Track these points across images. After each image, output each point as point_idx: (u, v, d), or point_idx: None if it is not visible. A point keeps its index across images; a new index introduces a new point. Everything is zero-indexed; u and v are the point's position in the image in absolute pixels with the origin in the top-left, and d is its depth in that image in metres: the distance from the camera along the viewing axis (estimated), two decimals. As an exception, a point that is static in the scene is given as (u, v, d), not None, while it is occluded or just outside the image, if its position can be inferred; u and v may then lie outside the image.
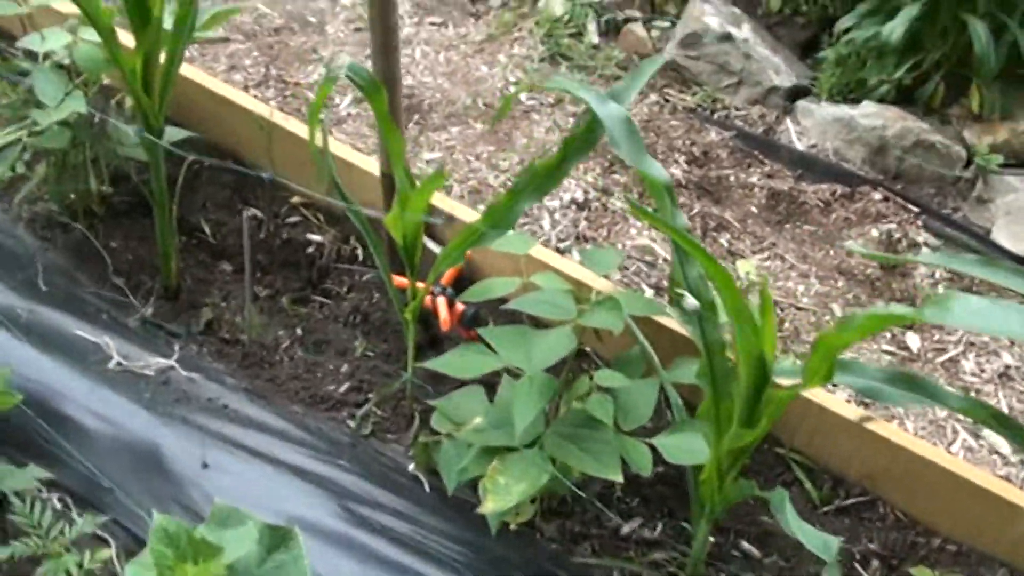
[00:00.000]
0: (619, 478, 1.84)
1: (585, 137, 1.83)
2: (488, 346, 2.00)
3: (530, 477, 1.87)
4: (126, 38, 2.30)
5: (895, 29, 2.77)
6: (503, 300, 2.12)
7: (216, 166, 2.07)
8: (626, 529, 2.16)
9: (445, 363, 2.01)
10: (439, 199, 2.54)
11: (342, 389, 2.39)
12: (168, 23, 2.20)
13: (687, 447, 1.89)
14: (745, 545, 2.14)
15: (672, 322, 2.23)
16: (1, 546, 1.79)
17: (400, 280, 2.20)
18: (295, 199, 2.72)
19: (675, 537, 2.15)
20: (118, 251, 2.68)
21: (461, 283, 2.41)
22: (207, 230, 2.71)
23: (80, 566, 1.80)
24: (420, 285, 2.10)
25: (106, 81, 2.66)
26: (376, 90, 1.88)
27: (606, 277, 2.29)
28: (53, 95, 2.38)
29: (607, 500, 2.20)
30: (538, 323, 2.26)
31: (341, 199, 2.05)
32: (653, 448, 1.93)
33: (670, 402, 2.02)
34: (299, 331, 2.53)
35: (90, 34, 2.40)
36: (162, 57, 2.25)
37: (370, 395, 2.38)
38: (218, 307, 2.57)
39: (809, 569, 2.09)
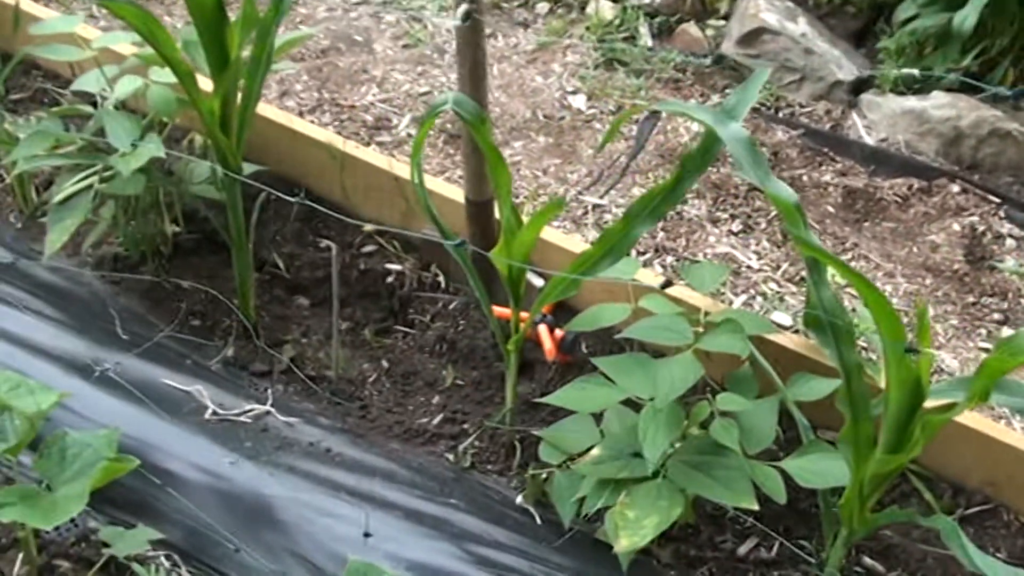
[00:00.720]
0: (755, 506, 1.80)
1: (701, 157, 1.79)
2: (605, 376, 1.96)
3: (660, 510, 1.82)
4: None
5: (967, 17, 2.72)
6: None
7: (305, 203, 2.01)
8: (743, 550, 2.12)
9: (565, 398, 1.97)
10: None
11: (435, 421, 2.35)
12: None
13: (819, 470, 1.84)
14: (868, 560, 2.09)
15: (779, 337, 2.19)
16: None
17: (500, 311, 2.15)
18: (368, 227, 2.67)
19: (793, 558, 2.10)
20: (190, 291, 2.63)
21: (557, 310, 2.37)
22: (280, 264, 2.66)
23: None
24: (523, 315, 2.05)
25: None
26: (481, 122, 1.83)
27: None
28: (124, 139, 2.32)
29: (720, 521, 2.15)
30: (643, 347, 2.22)
31: (442, 235, 2.00)
32: (782, 472, 1.88)
33: (794, 423, 1.97)
34: (385, 363, 2.49)
35: (160, 75, 2.35)
36: (238, 96, 2.20)
37: (464, 426, 2.33)
38: (299, 343, 2.52)
39: (936, 583, 2.05)
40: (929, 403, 1.61)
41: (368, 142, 2.92)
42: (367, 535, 1.99)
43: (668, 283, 2.12)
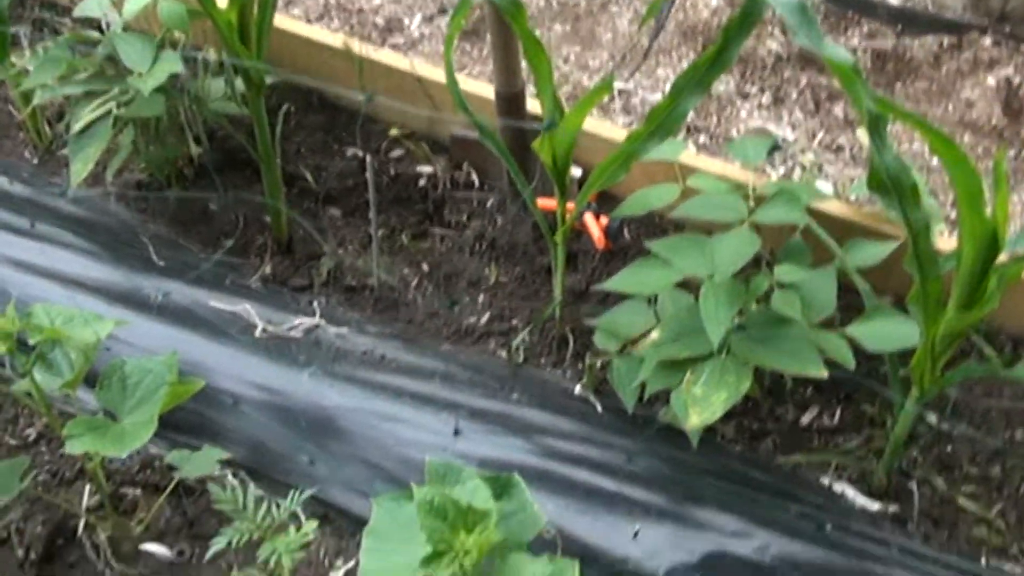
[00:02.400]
0: (824, 373, 1.79)
1: (743, 22, 1.72)
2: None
3: (728, 385, 1.81)
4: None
5: None
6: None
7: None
8: (805, 420, 2.12)
9: (621, 282, 1.94)
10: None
11: (483, 320, 2.33)
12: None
13: (886, 334, 1.83)
14: (931, 419, 2.10)
15: (827, 205, 2.16)
16: (218, 536, 1.75)
17: (543, 203, 2.11)
18: (393, 132, 2.61)
19: (856, 423, 2.11)
20: (219, 212, 2.59)
21: (599, 201, 2.33)
22: (309, 177, 2.62)
23: (288, 547, 1.76)
24: (570, 206, 2.01)
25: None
26: (518, 9, 1.77)
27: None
28: (139, 59, 2.26)
29: (780, 394, 2.15)
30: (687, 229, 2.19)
31: (478, 130, 1.95)
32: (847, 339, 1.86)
33: (848, 294, 1.95)
34: (425, 267, 2.46)
35: (168, -10, 2.27)
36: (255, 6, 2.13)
37: (513, 322, 2.31)
38: (336, 254, 2.49)
39: (1002, 435, 2.05)
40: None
41: (382, 44, 2.85)
42: (457, 432, 2.00)
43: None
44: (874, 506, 1.95)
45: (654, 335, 1.96)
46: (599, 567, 1.82)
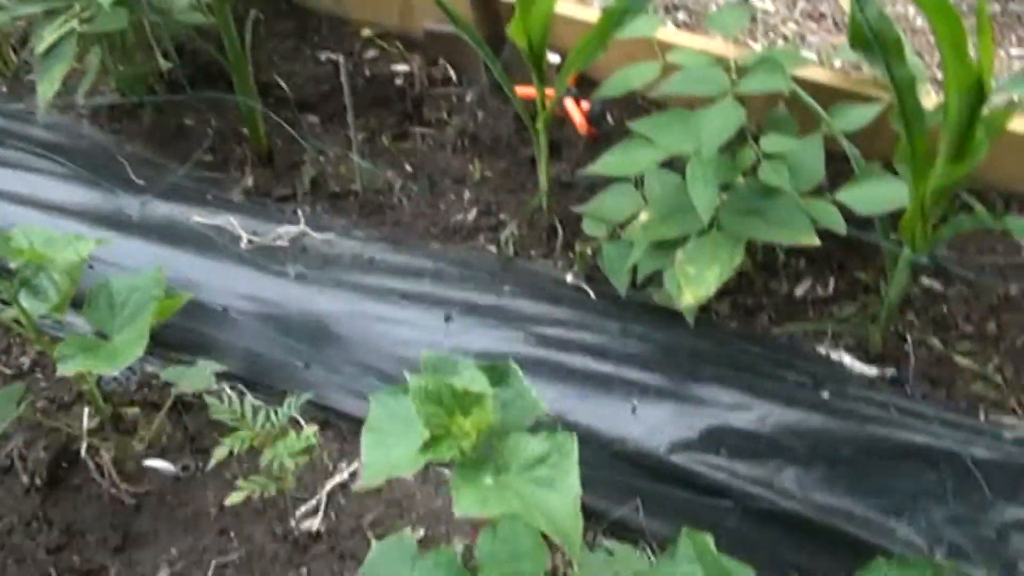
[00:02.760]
0: (815, 241, 1.77)
1: None
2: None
3: (720, 260, 1.79)
4: None
5: None
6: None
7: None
8: (799, 292, 2.12)
9: (606, 164, 1.91)
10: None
11: (471, 216, 2.31)
12: None
13: (876, 196, 1.80)
14: (925, 281, 2.09)
15: (811, 72, 2.12)
16: (218, 446, 1.75)
17: (523, 91, 2.07)
18: (365, 32, 2.56)
19: (850, 291, 2.10)
20: (195, 127, 2.55)
21: (579, 84, 2.28)
22: (283, 85, 2.56)
23: (290, 451, 1.76)
24: (549, 92, 1.97)
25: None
26: None
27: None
28: (96, -27, 2.19)
29: (772, 268, 2.14)
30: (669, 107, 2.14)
31: (452, 21, 1.90)
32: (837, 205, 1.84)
33: (836, 162, 1.92)
34: (408, 167, 2.42)
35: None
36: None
37: (501, 216, 2.29)
38: (317, 162, 2.45)
39: (996, 292, 2.04)
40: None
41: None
42: (448, 318, 1.99)
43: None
44: (871, 371, 1.95)
45: (643, 217, 1.94)
46: (599, 448, 1.83)
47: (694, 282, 1.79)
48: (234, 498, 1.74)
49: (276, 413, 1.76)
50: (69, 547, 1.90)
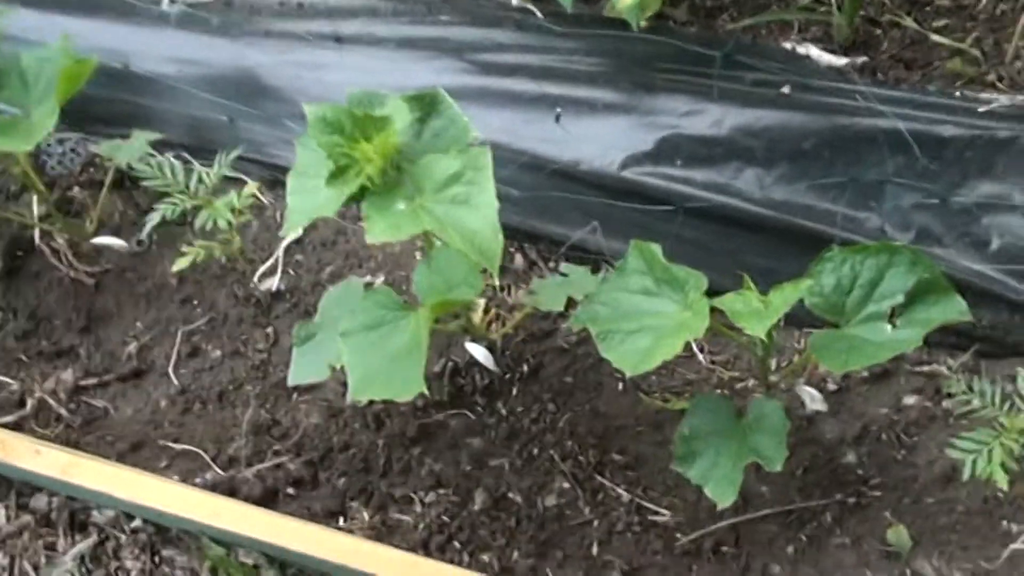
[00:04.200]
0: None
1: None
2: None
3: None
4: None
5: None
6: None
7: None
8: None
9: None
10: None
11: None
12: None
13: None
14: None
15: None
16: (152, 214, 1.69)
17: None
18: None
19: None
20: None
21: None
22: None
23: (232, 208, 1.70)
24: None
25: None
26: None
27: None
28: None
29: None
30: None
31: None
32: None
33: None
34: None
35: None
36: None
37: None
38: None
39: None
40: None
41: None
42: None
43: None
44: (840, 61, 1.82)
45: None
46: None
47: (632, -16, 1.65)
48: (180, 264, 1.70)
49: (207, 175, 1.69)
50: (37, 332, 1.89)
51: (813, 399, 1.56)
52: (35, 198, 1.98)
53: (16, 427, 1.74)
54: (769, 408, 1.43)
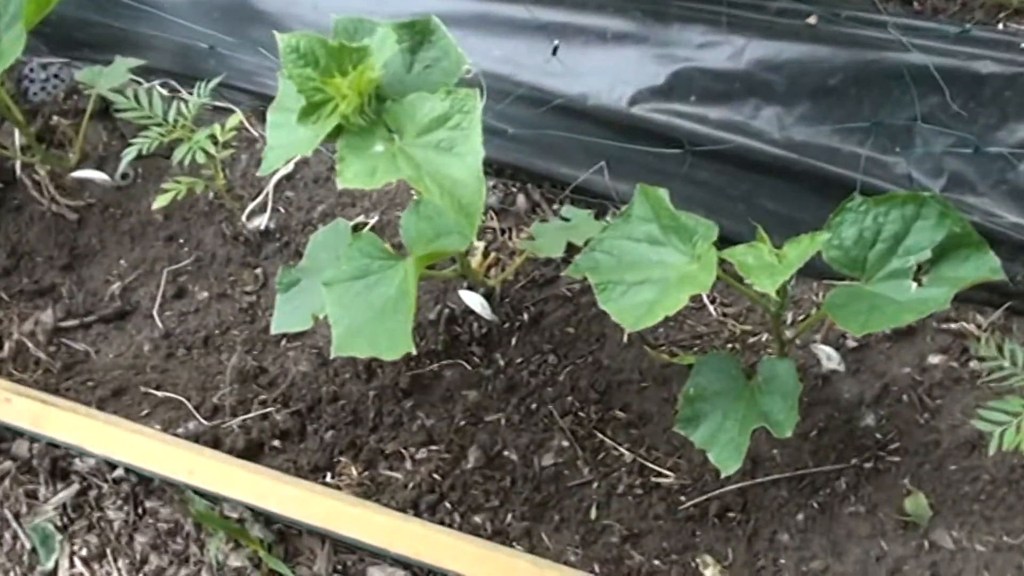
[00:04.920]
0: None
1: None
2: None
3: None
4: None
5: None
6: None
7: None
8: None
9: None
10: None
11: None
12: None
13: None
14: None
15: None
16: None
17: None
18: None
19: None
20: None
21: None
22: None
23: (215, 140, 1.60)
24: None
25: None
26: None
27: None
28: None
29: None
30: None
31: None
32: None
33: None
34: None
35: None
36: None
37: None
38: None
39: None
40: None
41: None
42: None
43: None
44: (872, -12, 1.68)
45: None
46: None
47: None
48: (160, 201, 1.61)
49: (186, 106, 1.58)
50: (17, 270, 1.82)
51: (830, 358, 1.46)
52: (17, 132, 1.88)
53: (-6, 371, 1.68)
54: (781, 368, 1.33)
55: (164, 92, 1.85)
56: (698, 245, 1.27)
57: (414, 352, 1.22)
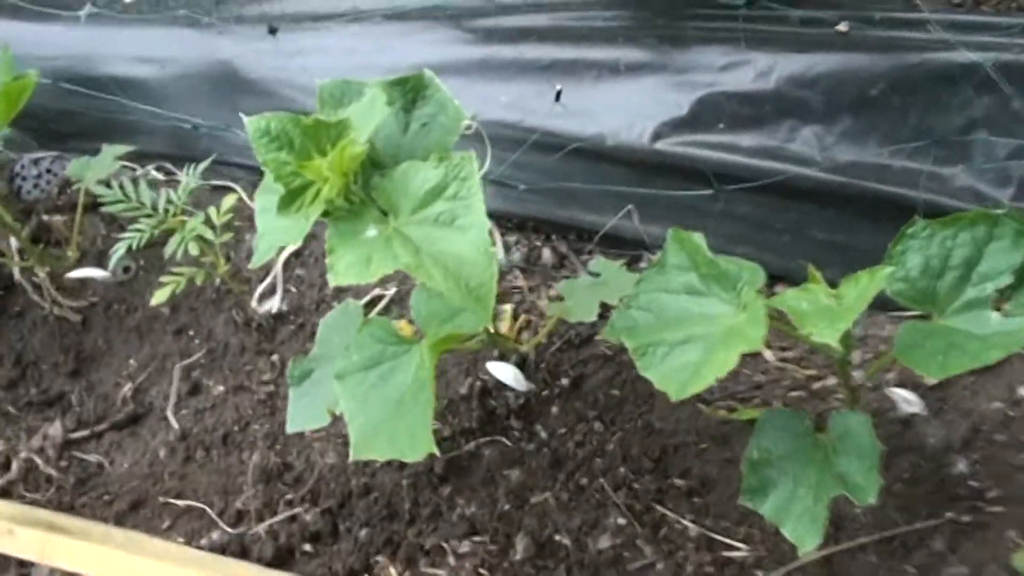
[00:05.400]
0: None
1: None
2: None
3: None
4: None
5: None
6: None
7: None
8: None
9: None
10: None
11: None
12: None
13: None
14: None
15: None
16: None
17: None
18: None
19: None
20: None
21: None
22: None
23: (211, 225, 1.48)
24: None
25: None
26: None
27: None
28: None
29: None
30: None
31: None
32: None
33: None
34: None
35: None
36: None
37: None
38: None
39: None
40: None
41: None
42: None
43: None
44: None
45: None
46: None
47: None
48: (159, 297, 1.50)
49: (174, 195, 1.47)
50: (24, 380, 1.72)
51: (908, 401, 1.30)
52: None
53: (4, 493, 1.56)
54: (854, 423, 1.17)
55: (160, 176, 1.76)
56: (743, 292, 1.12)
57: (436, 452, 1.09)
